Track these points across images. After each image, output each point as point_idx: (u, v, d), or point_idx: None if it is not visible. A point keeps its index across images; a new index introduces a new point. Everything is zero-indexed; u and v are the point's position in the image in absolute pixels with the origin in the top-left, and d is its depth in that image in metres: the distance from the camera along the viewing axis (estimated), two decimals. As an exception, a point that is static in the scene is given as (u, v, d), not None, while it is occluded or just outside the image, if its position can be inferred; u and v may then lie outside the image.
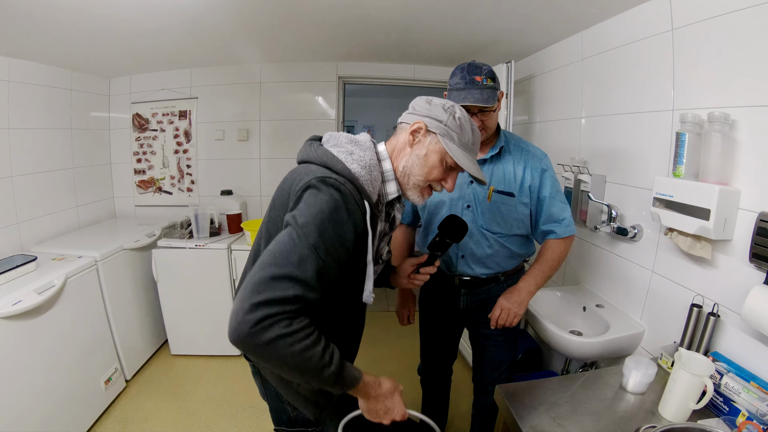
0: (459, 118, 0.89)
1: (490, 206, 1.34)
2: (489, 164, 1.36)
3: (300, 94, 2.92)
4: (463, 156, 0.89)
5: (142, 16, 1.79)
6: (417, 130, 0.90)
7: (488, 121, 1.28)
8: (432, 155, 0.89)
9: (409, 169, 0.91)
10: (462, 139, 0.89)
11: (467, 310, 1.48)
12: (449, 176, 0.93)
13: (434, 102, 0.91)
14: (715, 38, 1.17)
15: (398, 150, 0.93)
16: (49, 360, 1.74)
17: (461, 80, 1.24)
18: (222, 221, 2.72)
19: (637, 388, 1.14)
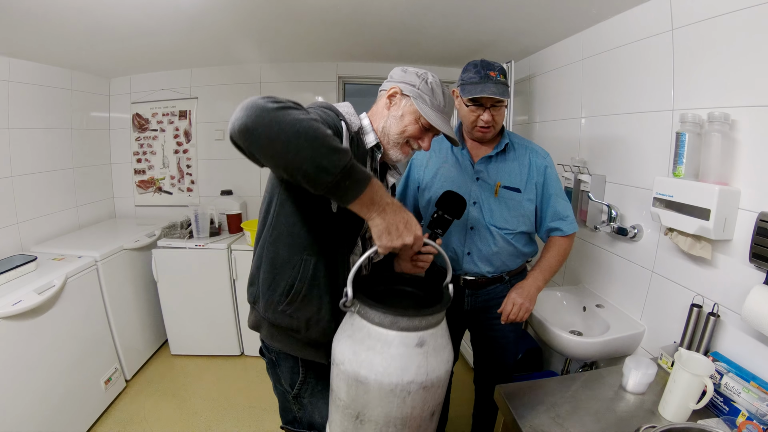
0: (431, 82, 0.97)
1: (497, 202, 1.34)
2: (495, 161, 1.36)
3: (300, 94, 2.92)
4: (435, 116, 0.96)
5: (142, 16, 1.79)
6: (393, 94, 0.99)
7: (498, 116, 1.29)
8: (407, 115, 0.98)
9: (387, 128, 1.00)
10: (434, 102, 0.97)
11: (471, 311, 1.47)
12: (425, 136, 1.01)
13: (409, 70, 1.00)
14: (715, 38, 1.17)
15: (378, 113, 1.02)
16: (49, 360, 1.74)
17: (476, 75, 1.24)
18: (222, 221, 2.72)
19: (637, 388, 1.14)
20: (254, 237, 1.04)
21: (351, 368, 0.77)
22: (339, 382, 0.81)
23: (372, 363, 0.76)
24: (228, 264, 2.48)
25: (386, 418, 0.79)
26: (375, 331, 0.77)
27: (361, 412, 0.80)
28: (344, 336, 0.81)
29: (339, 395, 0.82)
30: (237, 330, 2.63)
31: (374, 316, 0.77)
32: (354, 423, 0.82)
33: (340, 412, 0.83)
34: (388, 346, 0.76)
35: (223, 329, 2.61)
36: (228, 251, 2.47)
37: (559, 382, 1.22)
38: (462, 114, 1.34)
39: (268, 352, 1.07)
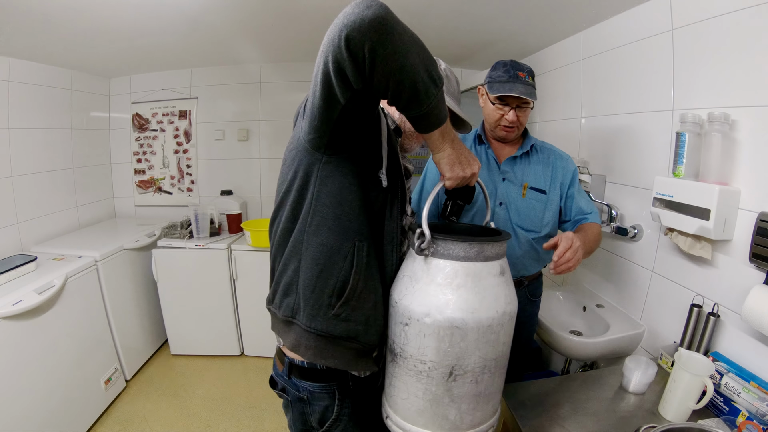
0: (444, 69, 0.93)
1: (524, 203, 1.32)
2: (520, 162, 1.35)
3: (300, 94, 2.91)
4: (452, 103, 0.91)
5: (142, 16, 1.79)
6: None
7: (523, 117, 1.28)
8: None
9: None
10: (449, 88, 0.92)
11: None
12: None
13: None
14: (715, 38, 1.17)
15: None
16: (49, 360, 1.74)
17: (504, 73, 1.24)
18: (222, 221, 2.72)
19: (637, 388, 1.15)
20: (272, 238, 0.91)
21: (443, 317, 0.72)
22: (424, 343, 0.74)
23: (467, 301, 0.72)
24: (228, 264, 2.48)
25: (483, 362, 0.75)
26: (464, 267, 0.73)
27: (456, 366, 0.74)
28: (421, 287, 0.75)
29: (423, 359, 0.75)
30: (237, 330, 2.63)
31: (460, 251, 0.74)
32: (446, 384, 0.75)
33: (424, 380, 0.76)
34: (478, 279, 0.74)
35: (223, 329, 2.61)
36: (228, 251, 2.47)
37: (559, 382, 1.22)
38: (486, 112, 1.33)
39: (298, 390, 0.91)
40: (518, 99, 1.24)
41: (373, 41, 0.59)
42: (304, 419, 0.94)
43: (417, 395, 0.78)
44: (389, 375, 0.85)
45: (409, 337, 0.76)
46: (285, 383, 0.95)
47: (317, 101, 0.70)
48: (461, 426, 0.79)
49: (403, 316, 0.77)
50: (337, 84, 0.65)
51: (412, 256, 0.82)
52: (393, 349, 0.81)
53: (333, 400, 0.91)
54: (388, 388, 0.85)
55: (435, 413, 0.78)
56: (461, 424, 0.79)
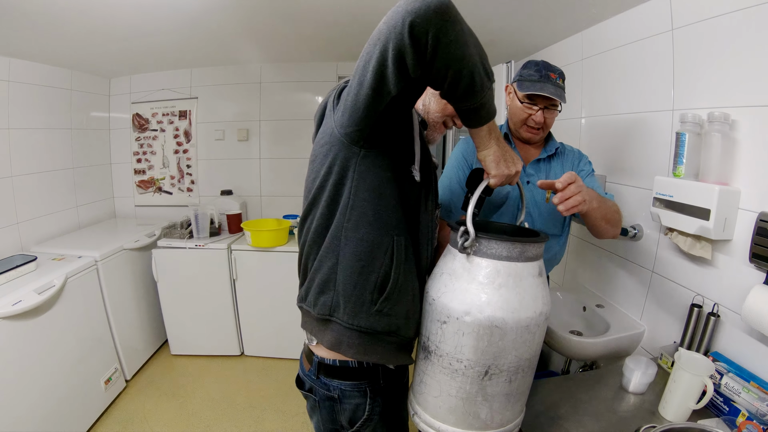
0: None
1: (547, 207, 1.28)
2: (544, 165, 1.32)
3: (300, 94, 2.92)
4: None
5: (143, 16, 1.79)
6: None
7: (550, 119, 1.26)
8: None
9: (428, 106, 0.93)
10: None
11: None
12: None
13: None
14: (715, 38, 1.17)
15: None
16: (49, 360, 1.74)
17: (536, 72, 1.21)
18: (222, 221, 2.72)
19: (637, 388, 1.14)
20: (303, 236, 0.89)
21: (483, 316, 0.72)
22: (462, 341, 0.74)
23: (508, 301, 0.72)
24: (228, 264, 2.48)
25: (517, 362, 0.76)
26: (505, 267, 0.74)
27: (492, 365, 0.75)
28: (461, 285, 0.75)
29: (460, 357, 0.75)
30: (237, 330, 2.63)
31: (503, 250, 0.74)
32: (480, 383, 0.76)
33: (458, 379, 0.76)
34: (519, 279, 0.74)
35: (223, 329, 2.61)
36: (228, 251, 2.47)
37: (559, 382, 1.22)
38: (513, 110, 1.29)
39: (328, 389, 0.90)
40: (547, 100, 1.21)
41: (437, 28, 0.59)
42: (333, 418, 0.92)
43: (450, 393, 0.78)
44: (420, 372, 0.84)
45: (446, 335, 0.76)
46: (313, 383, 0.93)
47: (365, 91, 0.68)
48: (491, 425, 0.80)
49: (441, 314, 0.76)
50: (393, 72, 0.64)
51: (450, 253, 0.81)
52: (427, 347, 0.80)
53: (365, 399, 0.90)
54: (418, 386, 0.85)
55: (467, 412, 0.78)
56: (491, 422, 0.79)
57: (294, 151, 2.94)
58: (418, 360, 0.86)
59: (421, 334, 0.85)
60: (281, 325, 2.56)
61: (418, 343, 0.87)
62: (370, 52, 0.65)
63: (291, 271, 2.47)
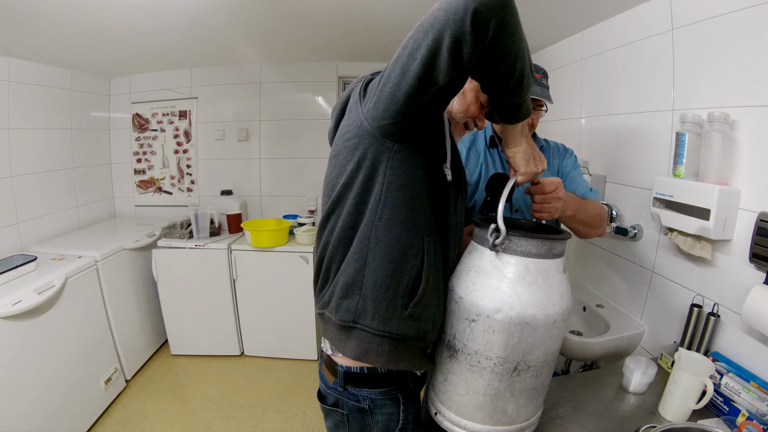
0: None
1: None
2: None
3: (300, 94, 2.91)
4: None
5: (142, 16, 1.79)
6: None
7: (536, 120, 1.26)
8: (468, 93, 0.87)
9: (450, 106, 0.89)
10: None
11: None
12: (481, 115, 0.90)
13: None
14: (715, 38, 1.17)
15: None
16: (49, 360, 1.74)
17: None
18: (222, 221, 2.72)
19: (637, 388, 1.15)
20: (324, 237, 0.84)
21: (514, 312, 0.72)
22: (492, 339, 0.74)
23: (537, 298, 0.73)
24: (228, 264, 2.48)
25: (545, 357, 0.77)
26: (534, 264, 0.74)
27: (521, 361, 0.75)
28: (490, 283, 0.75)
29: (489, 355, 0.75)
30: (237, 330, 2.63)
31: (532, 247, 0.74)
32: (509, 379, 0.76)
33: (487, 376, 0.76)
34: (547, 276, 0.75)
35: (223, 329, 2.61)
36: (228, 251, 2.47)
37: (559, 382, 1.22)
38: None
39: (357, 400, 0.85)
40: (533, 101, 1.20)
41: (500, 18, 0.57)
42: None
43: (477, 391, 0.78)
44: (444, 371, 0.83)
45: (476, 333, 0.75)
46: (339, 395, 0.87)
47: (409, 81, 0.65)
48: (516, 419, 0.80)
49: (470, 312, 0.75)
50: (446, 61, 0.61)
51: (477, 250, 0.80)
52: (453, 345, 0.79)
53: (397, 406, 0.86)
54: (442, 384, 0.84)
55: (494, 408, 0.78)
56: (517, 417, 0.80)
57: (294, 151, 2.94)
58: (440, 358, 0.84)
59: (444, 332, 0.83)
60: (281, 325, 2.56)
61: (439, 342, 0.85)
62: (419, 40, 0.62)
63: (291, 271, 2.48)
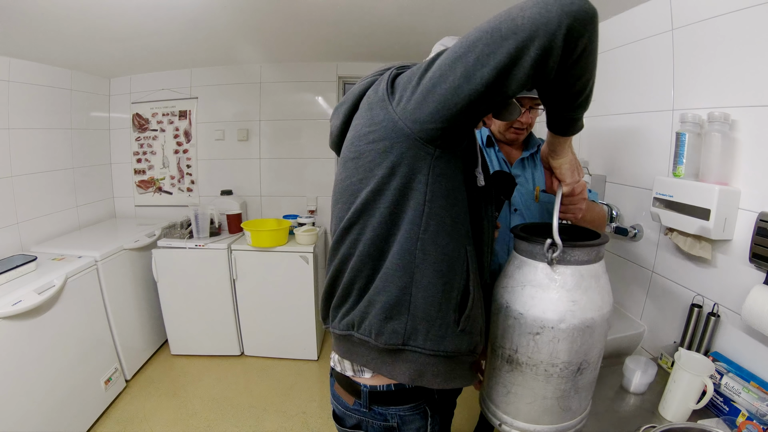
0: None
1: (538, 207, 1.28)
2: (528, 164, 1.31)
3: (300, 94, 2.92)
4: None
5: (142, 16, 1.79)
6: None
7: (534, 120, 1.25)
8: None
9: None
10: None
11: None
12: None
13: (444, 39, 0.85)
14: (715, 38, 1.17)
15: None
16: (49, 360, 1.74)
17: None
18: (222, 221, 2.72)
19: (637, 388, 1.15)
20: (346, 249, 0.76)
21: (577, 320, 0.75)
22: (558, 347, 0.77)
23: (593, 301, 0.77)
24: (228, 264, 2.48)
25: (599, 354, 0.81)
26: (587, 270, 0.78)
27: (583, 362, 0.79)
28: (549, 295, 0.77)
29: (555, 362, 0.78)
30: (237, 330, 2.63)
31: (584, 255, 0.77)
32: (574, 379, 0.80)
33: (554, 381, 0.79)
34: (598, 279, 0.79)
35: (223, 329, 2.61)
36: (228, 251, 2.47)
37: (559, 382, 1.22)
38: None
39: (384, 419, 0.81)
40: (531, 100, 1.20)
41: (590, 34, 0.57)
42: None
43: (545, 396, 0.81)
44: (507, 384, 0.85)
45: (540, 345, 0.77)
46: (363, 416, 0.83)
47: (475, 87, 0.60)
48: (578, 411, 0.86)
49: (533, 326, 0.77)
50: (526, 73, 0.58)
51: (527, 264, 0.81)
52: (515, 359, 0.81)
53: (425, 420, 0.84)
54: (505, 397, 0.86)
55: (561, 407, 0.82)
56: (578, 409, 0.85)
57: (294, 151, 2.94)
58: (500, 372, 0.86)
59: (501, 347, 0.84)
60: (281, 325, 2.56)
61: (496, 356, 0.86)
62: (493, 45, 0.58)
63: (291, 271, 2.48)
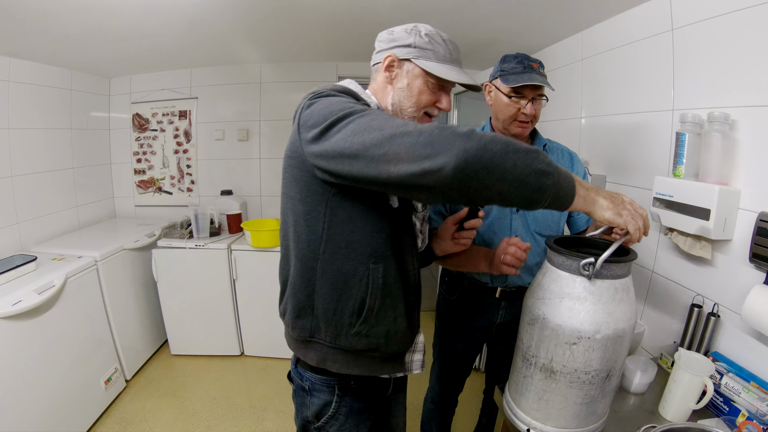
0: (426, 34, 0.84)
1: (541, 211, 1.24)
2: None
3: (300, 94, 2.87)
4: (445, 69, 0.84)
5: (142, 16, 1.79)
6: (390, 64, 0.86)
7: (539, 110, 1.23)
8: (414, 82, 0.85)
9: (398, 104, 0.87)
10: (438, 53, 0.84)
11: (502, 324, 1.38)
12: (441, 96, 0.88)
13: (395, 30, 0.87)
14: (715, 38, 1.17)
15: (381, 90, 0.89)
16: (49, 360, 1.74)
17: (518, 65, 1.19)
18: (222, 221, 2.72)
19: (637, 388, 1.14)
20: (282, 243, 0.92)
21: (611, 330, 0.80)
22: (592, 356, 0.81)
23: (625, 312, 0.81)
24: (228, 264, 2.48)
25: (623, 360, 0.86)
26: (621, 284, 0.83)
27: (612, 368, 0.83)
28: (587, 307, 0.81)
29: (588, 370, 0.82)
30: (237, 330, 2.63)
31: (618, 270, 0.82)
32: (602, 385, 0.84)
33: (585, 388, 0.84)
34: (628, 291, 0.84)
35: (223, 329, 2.61)
36: (228, 251, 2.47)
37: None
38: (499, 107, 1.25)
39: (301, 379, 0.96)
40: (534, 90, 1.19)
41: (479, 178, 0.60)
42: (303, 409, 0.97)
43: (576, 402, 0.86)
44: (539, 391, 0.90)
45: (576, 354, 0.82)
46: (292, 371, 1.00)
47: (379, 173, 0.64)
48: (602, 415, 0.90)
49: (571, 337, 0.82)
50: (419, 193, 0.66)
51: (563, 278, 0.85)
52: (549, 368, 0.86)
53: (332, 396, 0.93)
54: (536, 403, 0.91)
55: (590, 411, 0.87)
56: (603, 413, 0.90)
57: (294, 151, 2.93)
58: (531, 380, 0.91)
59: (535, 357, 0.89)
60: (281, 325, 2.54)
61: (529, 364, 0.90)
62: (412, 151, 0.62)
63: (291, 271, 2.48)
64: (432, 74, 0.83)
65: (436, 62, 0.84)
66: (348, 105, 0.73)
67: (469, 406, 2.04)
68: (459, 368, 1.53)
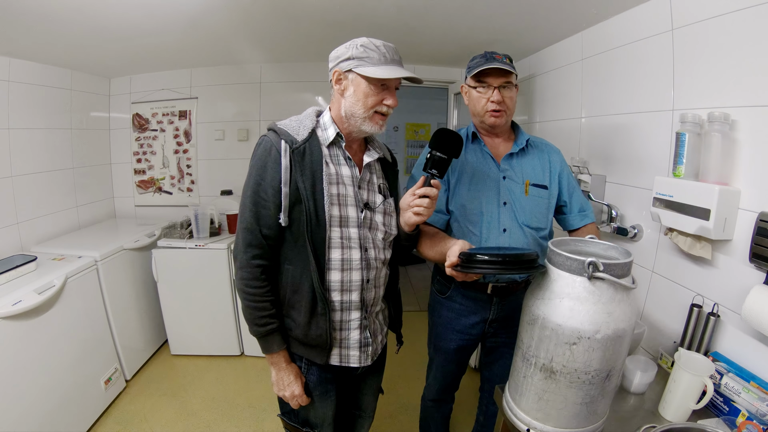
0: (362, 45, 0.98)
1: (528, 201, 1.29)
2: (517, 158, 1.32)
3: (300, 94, 2.92)
4: (382, 70, 0.96)
5: (142, 16, 1.79)
6: (338, 78, 1.02)
7: (508, 99, 1.25)
8: (359, 88, 0.99)
9: (350, 110, 1.02)
10: (373, 59, 0.97)
11: (496, 321, 1.38)
12: (386, 95, 1.02)
13: (338, 48, 1.03)
14: (715, 38, 1.17)
15: (336, 102, 1.06)
16: (49, 360, 1.74)
17: (481, 58, 1.24)
18: (222, 221, 2.72)
19: (637, 388, 1.15)
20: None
21: (611, 330, 0.80)
22: (592, 356, 0.82)
23: (625, 312, 0.82)
24: (228, 264, 2.48)
25: (623, 360, 0.87)
26: (620, 284, 0.83)
27: (612, 369, 0.84)
28: (587, 308, 0.81)
29: (588, 370, 0.83)
30: (237, 330, 2.63)
31: (620, 270, 0.82)
32: (602, 385, 0.85)
33: (585, 388, 0.84)
34: (627, 292, 0.84)
35: (223, 329, 2.61)
36: (228, 251, 2.47)
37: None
38: (471, 102, 1.30)
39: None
40: (499, 78, 1.21)
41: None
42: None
43: (576, 402, 0.86)
44: (539, 390, 0.90)
45: (576, 354, 0.83)
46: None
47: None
48: (602, 415, 0.91)
49: (571, 337, 0.82)
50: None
51: (564, 278, 0.86)
52: (550, 368, 0.86)
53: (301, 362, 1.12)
54: (536, 403, 0.91)
55: (590, 411, 0.87)
56: (603, 413, 0.91)
57: (294, 151, 2.93)
58: (531, 380, 0.92)
59: (536, 356, 0.90)
60: (281, 325, 2.55)
61: (529, 364, 0.91)
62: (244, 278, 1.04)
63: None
64: (371, 77, 0.97)
65: (372, 66, 0.97)
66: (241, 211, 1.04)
67: (467, 404, 2.04)
68: (454, 366, 1.53)
